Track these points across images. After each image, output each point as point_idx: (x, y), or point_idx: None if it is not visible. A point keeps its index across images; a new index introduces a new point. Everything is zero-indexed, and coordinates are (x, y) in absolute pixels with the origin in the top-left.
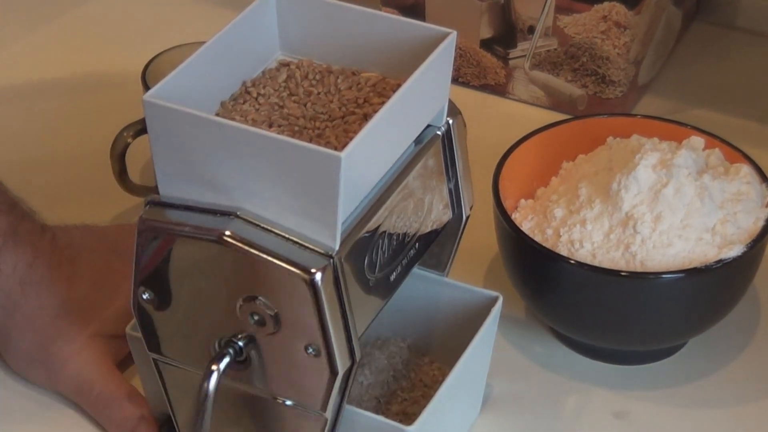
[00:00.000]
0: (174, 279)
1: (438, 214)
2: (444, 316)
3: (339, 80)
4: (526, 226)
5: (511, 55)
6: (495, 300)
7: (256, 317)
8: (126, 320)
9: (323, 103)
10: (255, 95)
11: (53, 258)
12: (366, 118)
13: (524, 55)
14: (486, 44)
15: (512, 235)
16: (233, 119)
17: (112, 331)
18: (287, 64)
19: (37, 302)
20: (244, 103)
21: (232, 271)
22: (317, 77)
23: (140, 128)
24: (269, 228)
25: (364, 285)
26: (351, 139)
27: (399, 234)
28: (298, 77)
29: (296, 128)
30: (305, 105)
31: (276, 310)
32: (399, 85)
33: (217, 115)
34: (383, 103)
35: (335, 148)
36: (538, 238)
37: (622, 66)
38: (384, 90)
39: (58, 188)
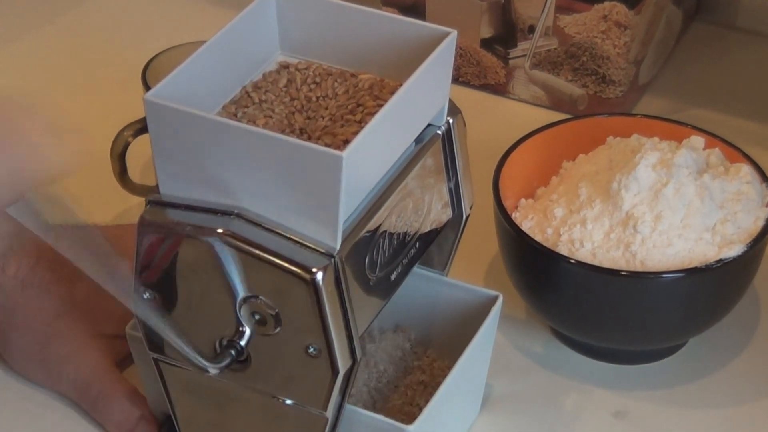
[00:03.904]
0: (175, 278)
1: (438, 213)
2: (444, 315)
3: (336, 84)
4: (527, 225)
5: (511, 55)
6: (495, 299)
7: (257, 317)
8: (126, 320)
9: (321, 109)
10: (257, 100)
11: (55, 259)
12: (360, 122)
13: (524, 55)
14: (486, 44)
15: (512, 234)
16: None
17: (111, 330)
18: (287, 66)
19: (38, 303)
20: (246, 107)
21: (233, 271)
22: (316, 80)
23: (140, 127)
24: (270, 228)
25: (364, 284)
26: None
27: (399, 233)
28: (299, 81)
29: (298, 132)
30: (306, 111)
31: (277, 310)
32: (398, 86)
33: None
34: (379, 106)
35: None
36: (538, 238)
37: (623, 66)
38: (381, 92)
39: (57, 188)
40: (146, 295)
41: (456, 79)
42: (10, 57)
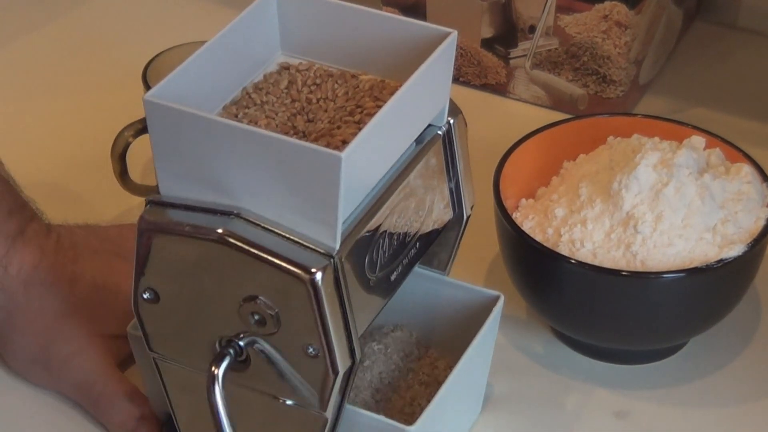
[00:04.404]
0: (174, 278)
1: (439, 213)
2: (445, 315)
3: (336, 85)
4: (527, 225)
5: (512, 55)
6: (496, 299)
7: (256, 317)
8: (127, 320)
9: (321, 111)
10: (258, 102)
11: (57, 259)
12: (359, 123)
13: (525, 55)
14: (487, 44)
15: (513, 234)
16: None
17: (113, 330)
18: (287, 67)
19: (39, 303)
20: (247, 107)
21: (232, 271)
22: (317, 82)
23: (141, 128)
24: (269, 228)
25: (364, 285)
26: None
27: (400, 233)
28: (299, 83)
29: (301, 135)
30: (307, 113)
31: (276, 310)
32: (398, 87)
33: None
34: (378, 107)
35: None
36: (539, 238)
37: (623, 65)
38: (381, 93)
39: (58, 188)
40: (146, 295)
41: (456, 79)
42: (10, 56)
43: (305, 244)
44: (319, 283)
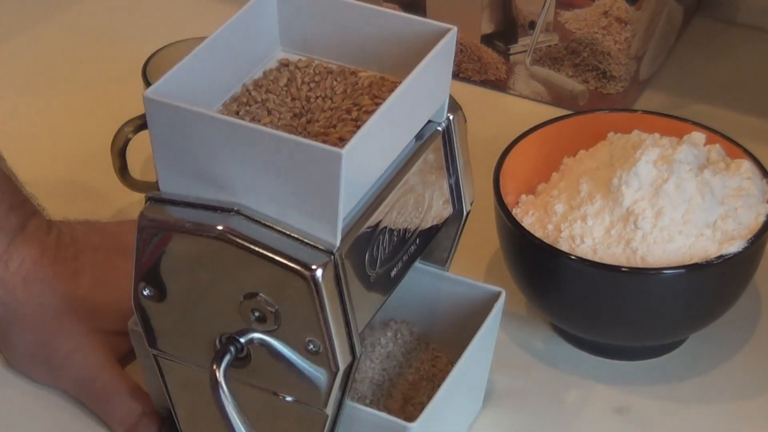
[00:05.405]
0: (174, 275)
1: (438, 209)
2: (446, 311)
3: (335, 83)
4: (527, 221)
5: (512, 51)
6: (498, 295)
7: (256, 314)
8: (127, 316)
9: (320, 108)
10: (259, 99)
11: (58, 255)
12: (356, 120)
13: (525, 51)
14: (487, 39)
15: (513, 230)
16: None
17: (113, 327)
18: (287, 64)
19: (39, 300)
20: (248, 105)
21: (232, 268)
22: (316, 79)
23: (141, 124)
24: (270, 224)
25: (364, 281)
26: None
27: (400, 230)
28: (299, 80)
29: (304, 134)
30: (307, 112)
31: (277, 307)
32: (398, 83)
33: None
34: (376, 104)
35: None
36: (539, 234)
37: (623, 61)
38: (380, 90)
39: (58, 184)
40: (146, 292)
41: (456, 75)
42: (10, 52)
43: (305, 240)
44: (320, 279)
